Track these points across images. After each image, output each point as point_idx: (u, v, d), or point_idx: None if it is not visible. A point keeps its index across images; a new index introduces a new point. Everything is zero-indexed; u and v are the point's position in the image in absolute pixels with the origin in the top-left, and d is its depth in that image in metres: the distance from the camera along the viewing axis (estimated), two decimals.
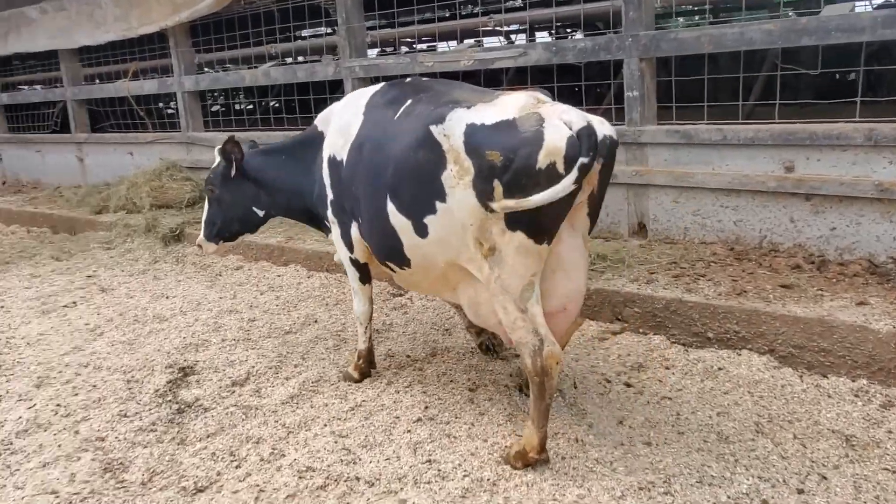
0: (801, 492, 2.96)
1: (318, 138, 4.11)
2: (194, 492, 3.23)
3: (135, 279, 6.71)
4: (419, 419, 3.72)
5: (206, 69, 9.23)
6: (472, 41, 7.63)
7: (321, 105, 8.07)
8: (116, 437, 3.73)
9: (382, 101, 3.72)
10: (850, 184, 4.34)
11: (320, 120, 4.18)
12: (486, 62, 5.84)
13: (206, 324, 5.32)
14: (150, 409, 4.02)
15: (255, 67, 7.98)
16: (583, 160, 2.81)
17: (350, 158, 3.75)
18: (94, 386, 4.36)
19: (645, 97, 5.12)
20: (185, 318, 5.47)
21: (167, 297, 6.05)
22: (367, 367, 4.25)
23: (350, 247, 4.01)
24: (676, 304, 4.29)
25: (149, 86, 9.37)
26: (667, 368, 4.09)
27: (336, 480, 3.23)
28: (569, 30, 10.36)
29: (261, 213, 4.49)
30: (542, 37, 9.68)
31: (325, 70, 7.15)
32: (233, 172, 4.34)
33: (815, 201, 4.52)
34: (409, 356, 4.52)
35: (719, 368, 3.99)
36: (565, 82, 5.74)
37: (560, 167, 2.86)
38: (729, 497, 2.95)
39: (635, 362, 4.18)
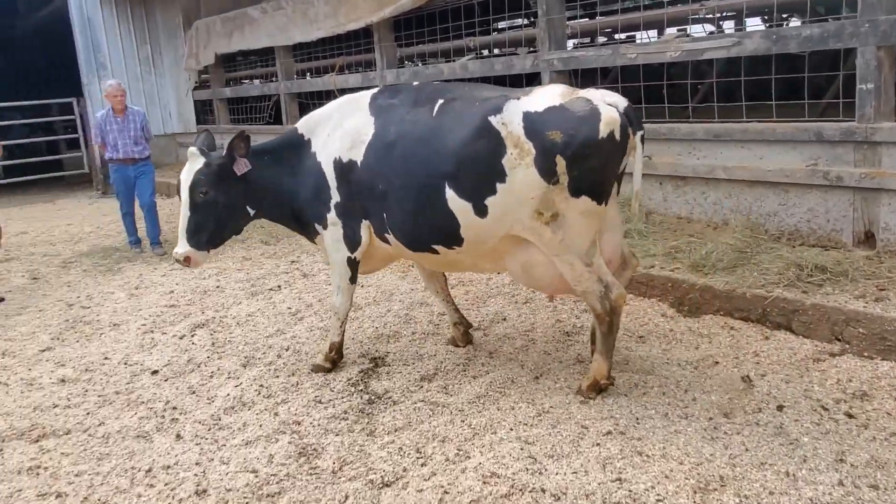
0: None
1: (302, 144, 4.33)
2: (381, 486, 3.27)
3: None
4: (609, 432, 3.54)
5: (406, 63, 9.46)
6: (674, 31, 7.18)
7: None
8: (311, 423, 3.87)
9: (400, 103, 4.03)
10: None
11: (303, 126, 4.39)
12: (694, 53, 5.46)
13: (397, 315, 5.43)
14: (342, 398, 4.14)
15: (454, 61, 8.03)
16: (641, 132, 3.58)
17: (370, 158, 4.00)
18: (294, 370, 4.57)
19: (881, 90, 4.54)
20: (378, 308, 5.62)
21: (362, 286, 6.24)
22: (337, 358, 4.53)
23: (353, 247, 4.25)
24: None
25: (353, 79, 9.76)
26: None
27: (521, 490, 3.13)
28: (783, 17, 9.53)
29: (252, 213, 4.47)
30: (752, 25, 8.95)
31: (522, 63, 7.05)
32: (239, 170, 4.24)
33: None
34: None
35: None
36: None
37: (617, 136, 3.49)
38: None
39: (857, 390, 3.72)
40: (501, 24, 10.19)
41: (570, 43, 8.50)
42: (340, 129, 4.15)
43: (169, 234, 8.52)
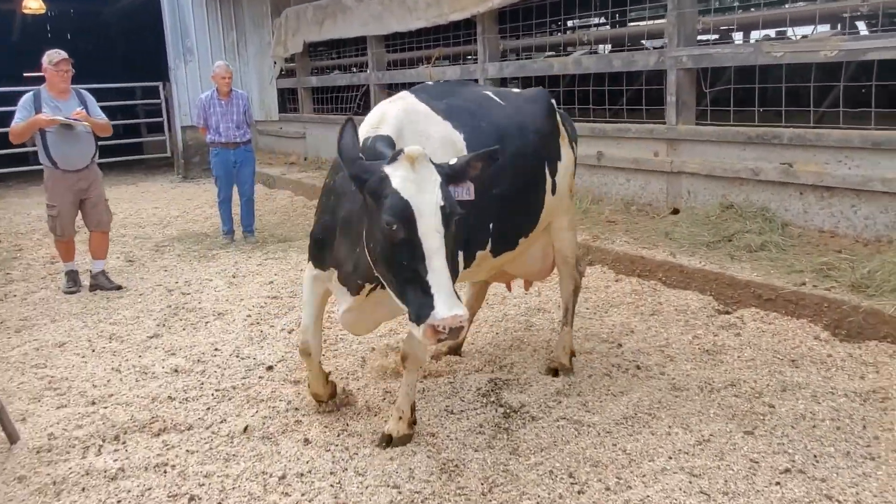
0: None
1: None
2: None
3: None
4: (787, 470, 3.17)
5: (509, 56, 9.13)
6: (827, 28, 6.69)
7: (636, 97, 7.64)
8: (447, 436, 3.59)
9: (460, 101, 3.64)
10: None
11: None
12: (854, 53, 5.00)
13: (516, 321, 5.12)
14: (475, 409, 3.85)
15: (566, 55, 7.67)
16: None
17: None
18: (426, 369, 4.29)
19: None
20: (493, 313, 5.32)
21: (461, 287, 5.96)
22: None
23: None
24: None
25: (451, 71, 9.49)
26: None
27: None
28: None
29: None
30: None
31: (646, 59, 6.66)
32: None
33: None
34: (752, 388, 3.94)
35: None
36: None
37: None
38: None
39: None
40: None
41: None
42: (429, 141, 3.23)
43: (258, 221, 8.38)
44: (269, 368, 4.48)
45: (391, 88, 11.20)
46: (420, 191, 2.68)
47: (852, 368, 4.09)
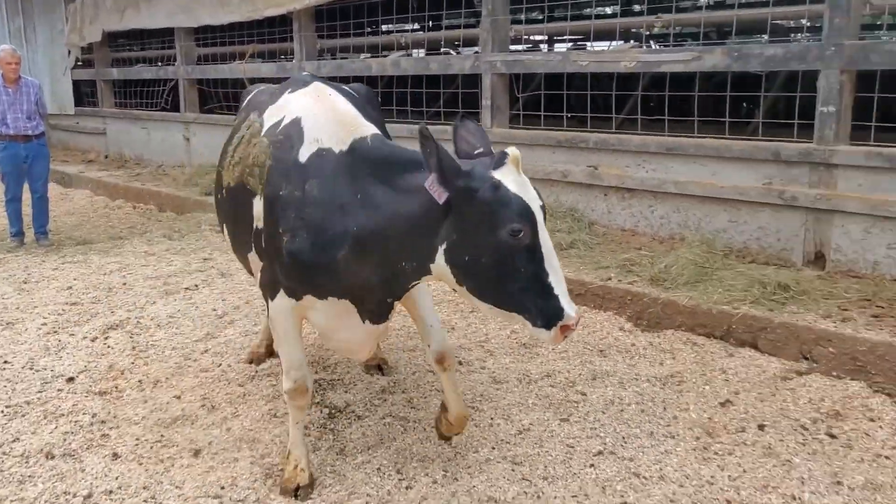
0: None
1: None
2: None
3: None
4: (599, 452, 3.36)
5: (326, 55, 9.03)
6: (630, 43, 7.21)
7: (453, 100, 7.81)
8: (271, 440, 3.47)
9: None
10: None
11: None
12: (650, 65, 5.44)
13: None
14: None
15: (384, 56, 7.71)
16: None
17: None
18: (236, 379, 4.12)
19: (841, 114, 4.65)
20: None
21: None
22: None
23: None
24: (885, 349, 3.82)
25: (266, 69, 9.23)
26: (872, 420, 3.63)
27: None
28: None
29: None
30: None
31: (461, 63, 6.84)
32: None
33: None
34: (567, 377, 4.15)
35: None
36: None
37: None
38: None
39: (831, 409, 3.73)
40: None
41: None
42: None
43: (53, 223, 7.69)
44: (70, 380, 4.10)
45: (202, 84, 10.72)
46: (529, 193, 2.52)
47: (653, 356, 4.42)
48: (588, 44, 7.03)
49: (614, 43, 6.56)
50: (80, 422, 3.62)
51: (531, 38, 8.78)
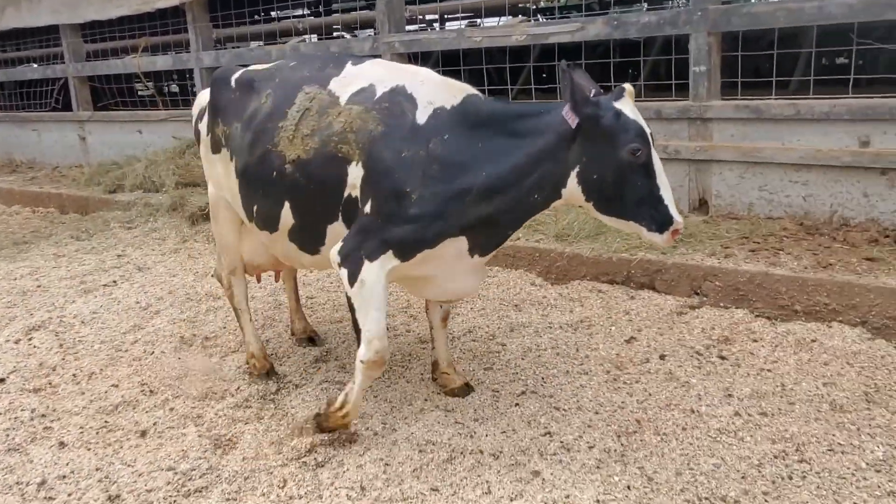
0: None
1: None
2: (316, 466, 3.16)
3: (168, 258, 6.55)
4: (522, 393, 3.70)
5: (222, 45, 9.01)
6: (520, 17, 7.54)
7: None
8: (214, 414, 3.64)
9: None
10: None
11: None
12: (539, 37, 5.78)
13: (264, 301, 5.21)
14: (238, 387, 3.92)
15: (283, 43, 7.80)
16: None
17: None
18: (171, 364, 4.24)
19: (711, 72, 5.12)
20: None
21: (212, 276, 5.91)
22: None
23: None
24: (762, 278, 4.31)
25: (162, 62, 9.13)
26: (755, 341, 4.11)
27: (461, 453, 3.18)
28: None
29: None
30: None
31: (360, 46, 7.01)
32: None
33: (892, 176, 4.58)
34: (486, 332, 4.47)
35: (812, 340, 4.01)
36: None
37: None
38: (867, 464, 2.97)
39: (721, 335, 4.19)
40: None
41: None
42: None
43: None
44: (1, 381, 4.13)
45: (94, 81, 10.47)
46: (642, 120, 2.88)
47: (563, 305, 4.80)
48: (479, 20, 7.34)
49: (504, 18, 6.89)
50: (20, 418, 3.68)
51: (425, 17, 9.04)
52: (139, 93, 11.29)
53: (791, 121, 4.86)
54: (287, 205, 3.33)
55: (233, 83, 3.64)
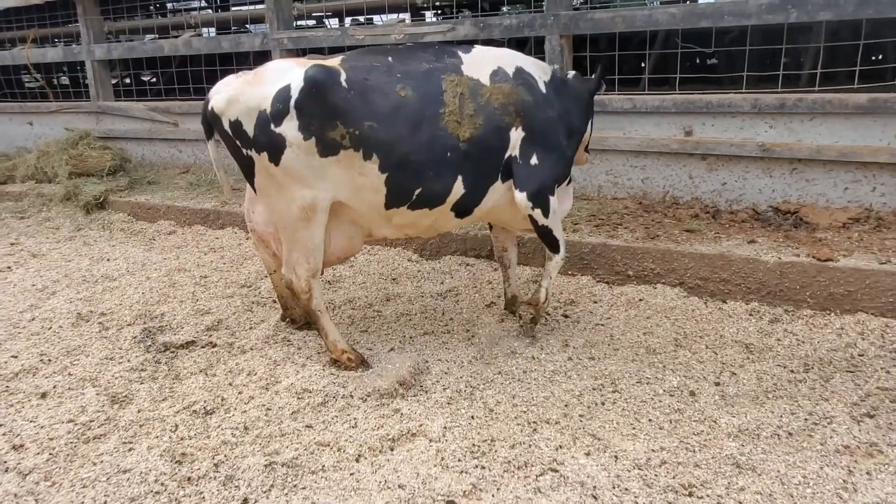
0: (717, 384, 3.71)
1: None
2: (205, 414, 3.59)
3: (63, 245, 6.75)
4: (393, 349, 4.23)
5: (115, 38, 9.15)
6: (399, 16, 8.05)
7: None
8: (112, 377, 4.00)
9: None
10: (739, 145, 5.19)
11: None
12: (416, 37, 6.32)
13: (159, 281, 5.55)
14: (134, 354, 4.29)
15: (175, 37, 8.04)
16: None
17: None
18: (69, 337, 4.56)
19: (564, 70, 5.78)
20: (136, 277, 5.67)
21: (108, 260, 6.19)
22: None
23: None
24: (601, 248, 4.99)
25: (52, 53, 9.18)
26: (595, 302, 4.79)
27: (334, 397, 3.68)
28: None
29: None
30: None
31: (251, 41, 7.38)
32: None
33: (710, 160, 5.35)
34: (365, 301, 4.98)
35: (640, 300, 4.72)
36: None
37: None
38: (664, 391, 3.65)
39: (568, 298, 4.85)
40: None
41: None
42: None
43: None
44: None
45: None
46: None
47: (435, 277, 5.36)
48: (361, 18, 7.84)
49: (385, 16, 7.39)
50: None
51: (312, 14, 9.45)
52: (27, 84, 11.21)
53: (630, 113, 5.58)
54: (459, 178, 3.82)
55: (344, 83, 3.60)
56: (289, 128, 3.55)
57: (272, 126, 3.56)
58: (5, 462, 3.24)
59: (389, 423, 3.45)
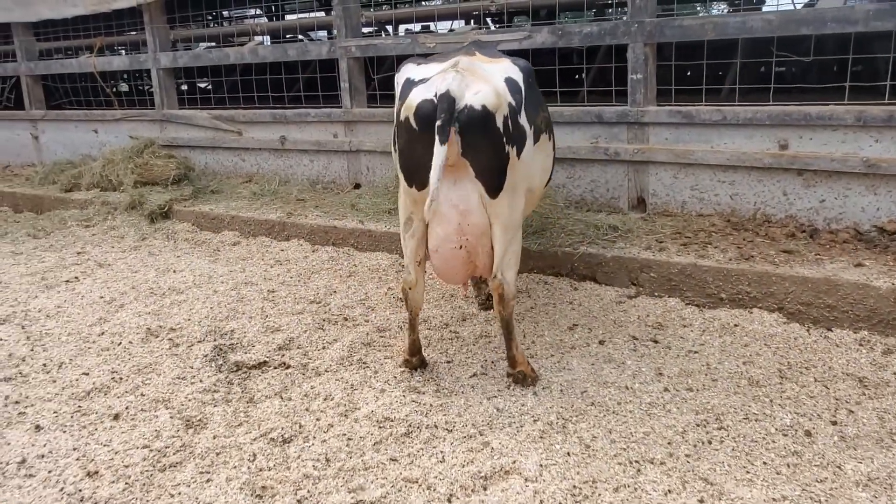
0: (834, 423, 3.40)
1: None
2: (283, 442, 3.42)
3: (129, 255, 6.70)
4: (474, 374, 4.01)
5: (181, 46, 9.14)
6: (471, 25, 7.87)
7: (312, 85, 8.17)
8: (185, 399, 3.85)
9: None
10: (840, 160, 4.84)
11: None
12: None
13: (227, 295, 5.43)
14: (206, 373, 4.15)
15: (241, 45, 7.98)
16: (438, 121, 3.25)
17: None
18: (139, 353, 4.45)
19: (647, 80, 5.51)
20: (203, 290, 5.56)
21: (174, 272, 6.10)
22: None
23: None
24: (691, 269, 4.70)
25: (118, 62, 9.21)
26: (685, 326, 4.50)
27: (417, 428, 3.47)
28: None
29: None
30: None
31: (318, 49, 7.25)
32: None
33: (807, 176, 5.02)
34: (441, 320, 4.77)
35: (735, 325, 4.42)
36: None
37: (412, 122, 3.41)
38: (776, 429, 3.35)
39: (655, 322, 4.57)
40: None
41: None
42: None
43: None
44: None
45: (47, 80, 10.47)
46: None
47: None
48: (432, 24, 7.67)
49: (456, 23, 7.21)
50: None
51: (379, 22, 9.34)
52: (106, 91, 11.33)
53: (719, 125, 5.28)
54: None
55: (532, 74, 3.95)
56: (523, 118, 3.61)
57: (518, 118, 3.56)
58: (81, 491, 3.10)
59: (480, 458, 3.22)
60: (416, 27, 8.91)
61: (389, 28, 10.92)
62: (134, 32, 9.19)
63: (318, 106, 7.63)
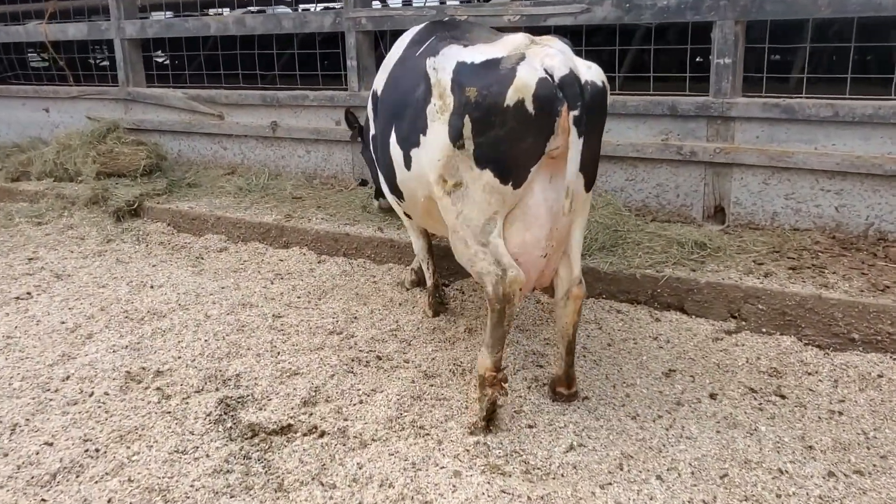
0: None
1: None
2: None
3: (92, 262, 5.58)
4: (530, 426, 3.07)
5: (148, 12, 7.95)
6: None
7: (310, 62, 7.08)
8: (188, 487, 2.84)
9: (417, 38, 3.74)
10: None
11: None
12: (535, 18, 5.13)
13: (222, 322, 4.38)
14: (213, 443, 3.13)
15: (221, 13, 6.84)
16: (575, 111, 2.81)
17: (382, 94, 3.82)
18: (119, 410, 3.40)
19: (736, 65, 4.60)
20: (191, 314, 4.50)
21: (151, 287, 5.01)
22: (437, 305, 4.35)
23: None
24: (813, 302, 3.82)
25: (75, 30, 7.95)
26: (810, 374, 3.63)
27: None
28: None
29: None
30: None
31: (319, 20, 6.17)
32: None
33: None
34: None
35: (878, 375, 3.55)
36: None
37: (529, 107, 2.86)
38: None
39: (770, 367, 3.69)
40: None
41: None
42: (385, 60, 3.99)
43: None
44: None
45: None
46: None
47: (580, 326, 4.19)
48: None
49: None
50: None
51: None
52: (36, 64, 10.03)
53: (827, 123, 4.39)
54: None
55: None
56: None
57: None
58: None
59: None
60: None
61: None
62: None
63: (318, 87, 6.54)
